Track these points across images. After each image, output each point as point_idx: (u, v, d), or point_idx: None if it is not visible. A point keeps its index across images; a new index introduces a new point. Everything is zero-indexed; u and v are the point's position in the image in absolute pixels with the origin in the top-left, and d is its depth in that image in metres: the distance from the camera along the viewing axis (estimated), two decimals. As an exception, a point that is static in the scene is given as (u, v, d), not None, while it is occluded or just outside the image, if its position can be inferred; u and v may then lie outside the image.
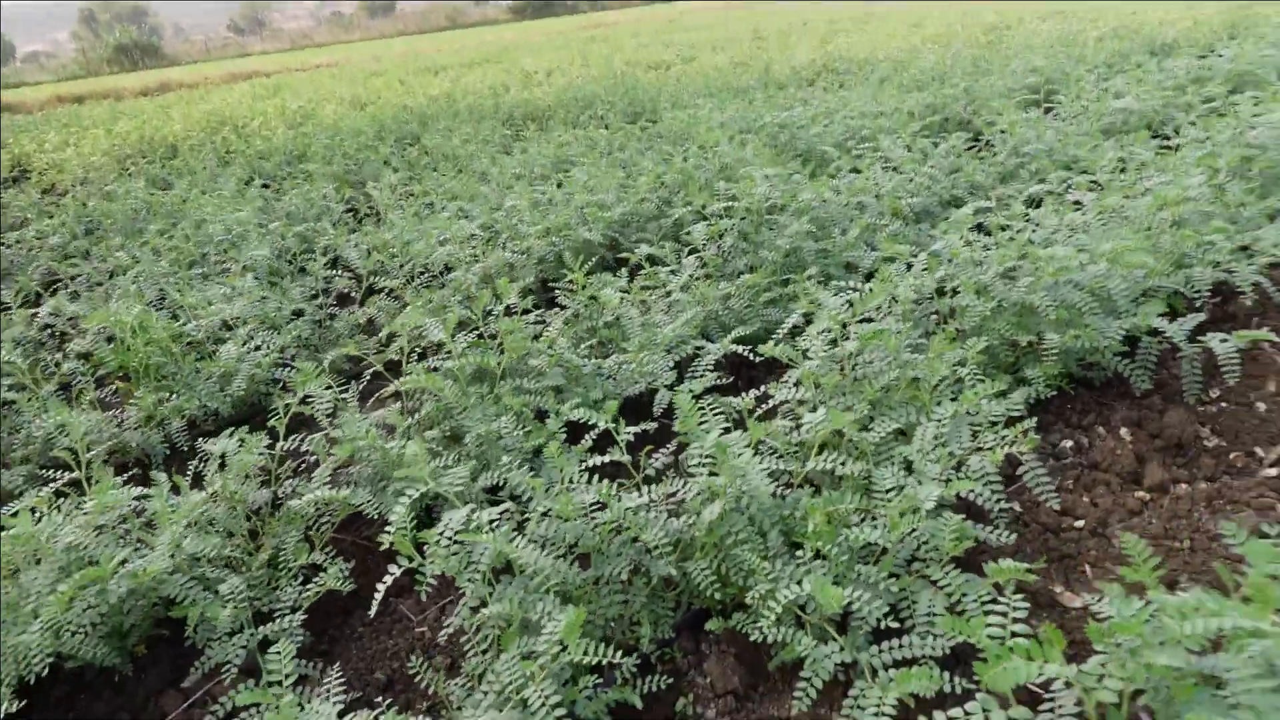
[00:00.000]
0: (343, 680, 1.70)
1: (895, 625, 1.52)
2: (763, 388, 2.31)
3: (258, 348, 2.98)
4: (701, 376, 2.40)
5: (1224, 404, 2.47)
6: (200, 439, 2.46)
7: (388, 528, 1.63)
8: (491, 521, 1.65)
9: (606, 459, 1.94)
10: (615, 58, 13.32)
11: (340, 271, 4.03)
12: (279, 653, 1.48)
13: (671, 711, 1.63)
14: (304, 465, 2.45)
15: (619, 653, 1.69)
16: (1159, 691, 1.07)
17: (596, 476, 1.89)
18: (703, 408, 1.89)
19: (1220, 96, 4.85)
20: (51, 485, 2.14)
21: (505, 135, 7.03)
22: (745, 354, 2.49)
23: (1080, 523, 2.07)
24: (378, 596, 1.58)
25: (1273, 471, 2.17)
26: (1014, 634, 1.23)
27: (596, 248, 3.72)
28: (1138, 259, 2.36)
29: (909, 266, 2.62)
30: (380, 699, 1.76)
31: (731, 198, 3.43)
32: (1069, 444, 2.38)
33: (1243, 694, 0.98)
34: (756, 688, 1.67)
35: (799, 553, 1.66)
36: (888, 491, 1.76)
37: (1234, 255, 2.73)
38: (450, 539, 1.61)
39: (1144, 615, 1.04)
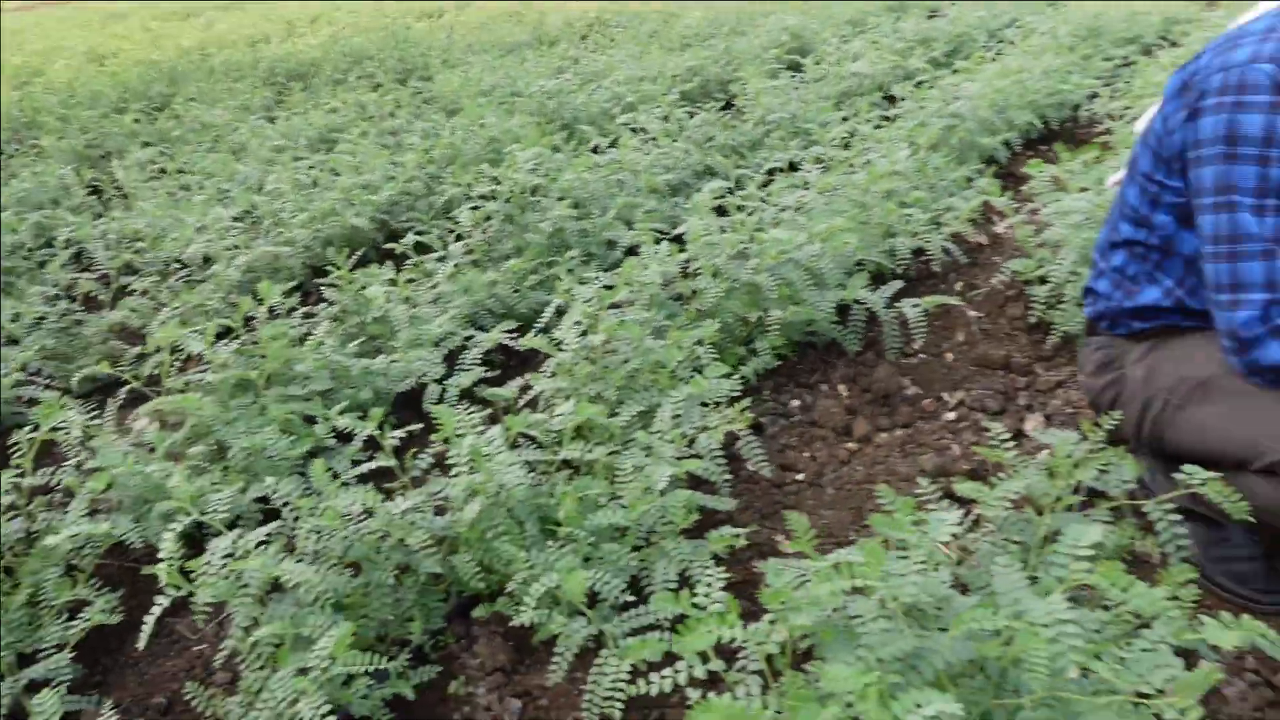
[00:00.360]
0: (117, 711, 1.74)
1: (633, 598, 1.76)
2: (525, 377, 2.48)
3: (-6, 366, 2.80)
4: (470, 370, 2.54)
5: (922, 356, 2.91)
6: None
7: (152, 565, 1.67)
8: (259, 544, 1.74)
9: (375, 464, 2.05)
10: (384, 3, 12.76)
11: (86, 268, 3.79)
12: (42, 704, 1.51)
13: (445, 694, 1.80)
14: (59, 494, 2.38)
15: (394, 648, 1.85)
16: (815, 635, 1.35)
17: (365, 482, 2.00)
18: (458, 413, 2.03)
19: (930, 68, 5.38)
20: None
21: (267, 98, 6.67)
22: (511, 343, 2.64)
23: (800, 476, 2.41)
24: (145, 631, 1.63)
25: (952, 415, 2.60)
26: (715, 600, 1.48)
27: (365, 234, 3.72)
28: (844, 238, 2.71)
29: (657, 245, 2.84)
30: (161, 723, 1.82)
31: (495, 180, 3.53)
32: (796, 403, 2.72)
33: (865, 634, 1.27)
34: (523, 662, 1.88)
35: (551, 540, 1.86)
36: (629, 474, 1.99)
37: (929, 224, 3.17)
38: (218, 566, 1.68)
39: (795, 582, 1.31)
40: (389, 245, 3.47)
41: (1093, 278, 2.05)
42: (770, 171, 3.79)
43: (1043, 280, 2.78)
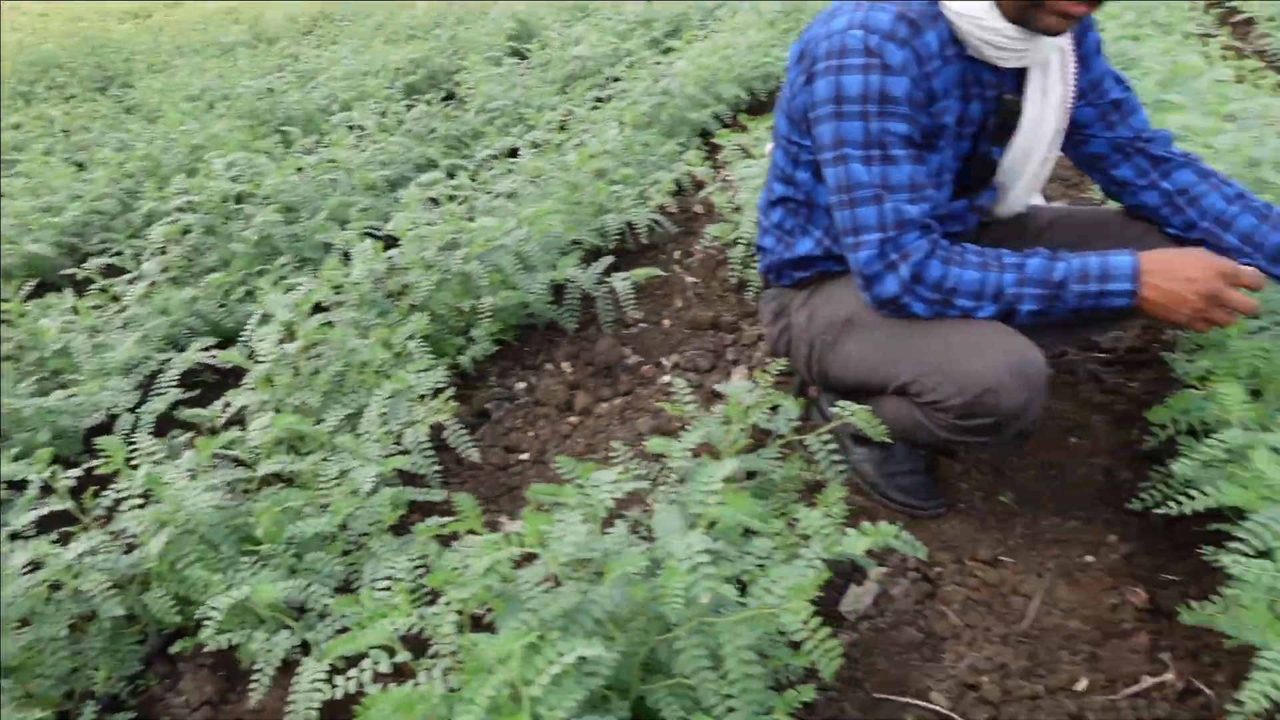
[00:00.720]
0: None
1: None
2: (228, 394, 2.35)
3: None
4: (165, 393, 2.38)
5: (643, 325, 3.04)
6: None
7: None
8: (-108, 620, 1.55)
9: (48, 510, 1.88)
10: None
11: None
12: None
13: (146, 741, 1.70)
14: None
15: (82, 702, 1.71)
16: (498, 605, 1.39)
17: (45, 531, 1.83)
18: (133, 443, 1.90)
19: (645, 49, 5.59)
20: None
21: (-69, 118, 5.86)
22: (213, 361, 2.50)
23: (525, 455, 2.46)
24: None
25: (667, 378, 2.74)
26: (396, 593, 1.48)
27: (48, 261, 3.37)
28: (550, 220, 2.78)
29: (363, 243, 2.78)
30: None
31: (187, 191, 3.31)
32: (522, 385, 2.77)
33: (530, 597, 1.33)
34: (234, 689, 1.80)
35: (246, 558, 1.79)
36: (333, 479, 1.94)
37: (638, 199, 3.31)
38: None
39: (454, 562, 1.35)
40: (80, 264, 3.17)
41: (760, 235, 2.21)
42: (492, 159, 3.80)
43: (737, 242, 2.98)
